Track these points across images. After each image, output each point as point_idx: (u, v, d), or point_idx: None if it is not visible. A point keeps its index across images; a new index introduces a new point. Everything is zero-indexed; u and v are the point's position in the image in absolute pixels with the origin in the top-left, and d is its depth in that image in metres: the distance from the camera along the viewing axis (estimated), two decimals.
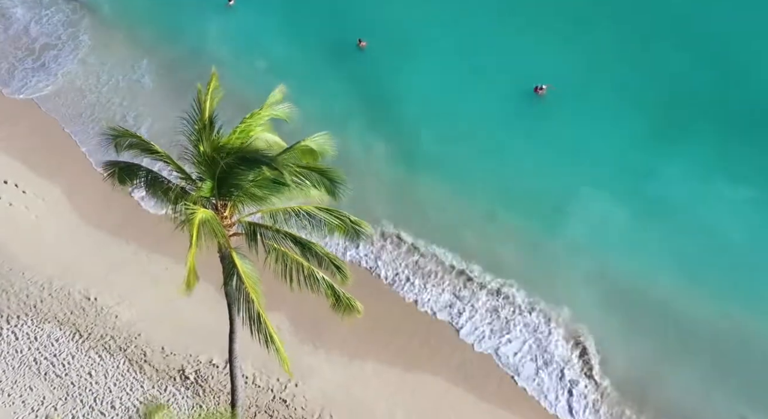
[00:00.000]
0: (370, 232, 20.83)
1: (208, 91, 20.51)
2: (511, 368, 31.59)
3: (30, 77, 45.41)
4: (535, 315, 33.09)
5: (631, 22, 46.05)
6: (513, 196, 37.73)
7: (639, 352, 31.81)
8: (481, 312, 33.44)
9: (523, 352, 32.07)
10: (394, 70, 43.88)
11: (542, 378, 31.19)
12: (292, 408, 29.69)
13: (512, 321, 33.03)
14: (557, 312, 33.19)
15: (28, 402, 29.30)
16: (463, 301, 33.86)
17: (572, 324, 32.78)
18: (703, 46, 43.94)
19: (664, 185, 37.56)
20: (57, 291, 32.99)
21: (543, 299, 33.73)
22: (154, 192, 21.08)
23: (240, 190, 19.72)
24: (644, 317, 32.89)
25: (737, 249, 34.90)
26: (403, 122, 41.38)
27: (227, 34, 47.15)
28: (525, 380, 31.22)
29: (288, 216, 20.26)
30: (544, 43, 44.55)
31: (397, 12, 47.40)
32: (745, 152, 38.66)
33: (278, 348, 19.78)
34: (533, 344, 32.29)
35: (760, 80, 41.88)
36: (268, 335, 19.59)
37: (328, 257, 20.39)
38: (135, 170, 21.82)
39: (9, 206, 36.54)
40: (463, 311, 33.43)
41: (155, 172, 21.82)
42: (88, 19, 49.08)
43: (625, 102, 41.45)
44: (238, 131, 19.81)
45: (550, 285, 34.14)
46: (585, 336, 32.17)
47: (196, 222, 18.79)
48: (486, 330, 32.84)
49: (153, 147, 21.01)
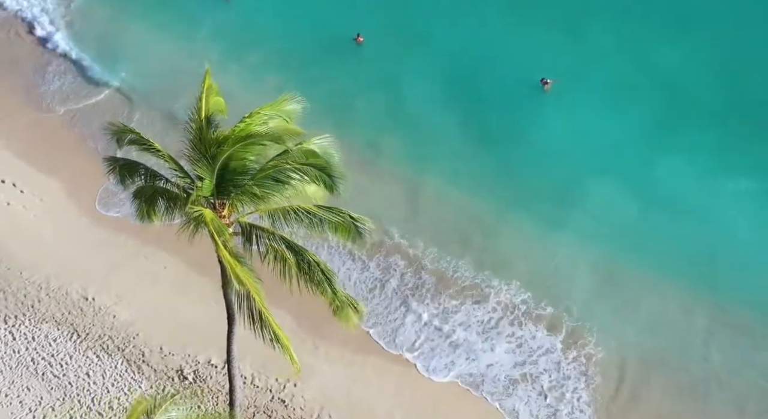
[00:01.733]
0: (370, 227, 20.51)
1: (203, 89, 20.35)
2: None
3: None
4: (539, 318, 33.00)
5: (636, 15, 45.94)
6: (518, 188, 37.70)
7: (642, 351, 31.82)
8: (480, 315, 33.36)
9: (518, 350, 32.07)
10: (393, 67, 43.53)
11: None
12: (290, 408, 29.56)
13: (516, 323, 32.94)
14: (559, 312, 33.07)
15: (25, 402, 29.17)
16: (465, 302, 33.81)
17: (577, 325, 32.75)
18: (707, 39, 44.05)
19: (671, 178, 37.53)
20: (55, 291, 32.85)
21: (547, 297, 33.60)
22: (154, 191, 20.86)
23: (239, 188, 19.58)
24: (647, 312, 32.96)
25: (745, 246, 34.95)
26: (403, 117, 41.13)
27: (222, 29, 46.64)
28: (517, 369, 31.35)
29: (287, 215, 20.09)
30: (549, 36, 44.42)
31: (397, 6, 47.16)
32: (750, 144, 38.69)
33: (285, 345, 19.50)
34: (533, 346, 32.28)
35: (765, 72, 41.84)
36: (272, 333, 19.36)
37: (319, 266, 20.19)
38: (135, 167, 21.69)
39: (7, 206, 36.38)
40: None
41: (154, 170, 21.65)
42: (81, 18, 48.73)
43: (632, 95, 41.35)
44: (238, 130, 19.65)
45: (554, 282, 34.10)
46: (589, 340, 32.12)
47: (209, 220, 18.65)
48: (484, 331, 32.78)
49: (152, 145, 20.87)
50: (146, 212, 21.12)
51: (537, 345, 32.12)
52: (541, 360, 31.68)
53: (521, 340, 32.36)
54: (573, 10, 46.47)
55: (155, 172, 21.54)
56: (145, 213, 21.26)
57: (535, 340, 32.29)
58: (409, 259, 35.18)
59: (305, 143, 19.99)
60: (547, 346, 32.05)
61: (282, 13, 47.27)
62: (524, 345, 32.15)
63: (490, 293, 33.85)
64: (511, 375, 31.24)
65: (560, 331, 32.51)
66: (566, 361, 31.57)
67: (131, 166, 21.71)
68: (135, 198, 21.33)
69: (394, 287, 34.17)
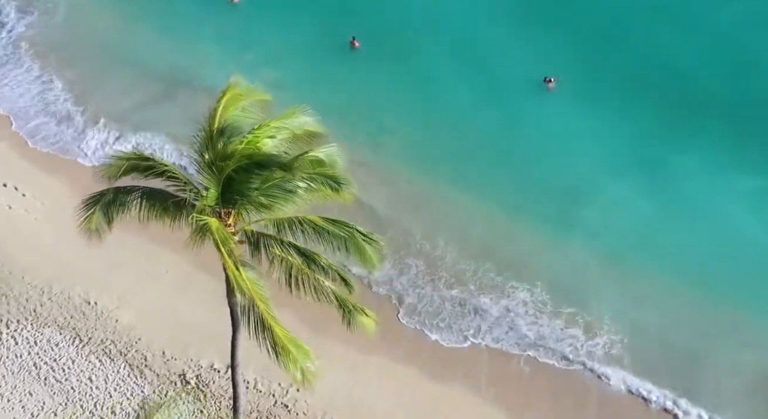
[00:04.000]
0: (382, 245, 20.03)
1: (220, 100, 20.15)
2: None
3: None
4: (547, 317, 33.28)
5: (642, 12, 45.83)
6: (525, 189, 37.80)
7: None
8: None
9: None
10: (391, 71, 43.29)
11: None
12: (293, 413, 29.57)
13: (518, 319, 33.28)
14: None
15: (27, 407, 29.13)
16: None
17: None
18: (713, 37, 44.00)
19: (679, 177, 37.75)
20: (57, 295, 32.78)
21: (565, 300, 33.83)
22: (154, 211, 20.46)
23: (245, 198, 19.49)
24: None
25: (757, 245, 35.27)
26: (404, 120, 41.01)
27: (224, 33, 46.45)
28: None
29: (292, 226, 19.92)
30: (553, 34, 44.33)
31: (396, 9, 46.85)
32: (757, 142, 38.90)
33: (293, 356, 19.15)
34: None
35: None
36: (277, 343, 19.20)
37: (332, 269, 20.06)
38: (129, 194, 20.94)
39: (8, 209, 36.30)
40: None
41: (151, 188, 21.04)
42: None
43: (641, 92, 41.48)
44: (246, 142, 19.53)
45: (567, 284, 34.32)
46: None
47: (215, 229, 18.53)
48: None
49: (157, 162, 20.41)
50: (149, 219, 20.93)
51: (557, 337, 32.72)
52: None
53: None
54: (575, 7, 46.36)
55: (152, 189, 21.05)
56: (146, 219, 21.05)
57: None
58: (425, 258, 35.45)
59: (311, 151, 19.90)
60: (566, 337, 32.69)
61: (281, 18, 46.80)
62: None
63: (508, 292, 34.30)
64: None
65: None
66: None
67: (126, 193, 20.99)
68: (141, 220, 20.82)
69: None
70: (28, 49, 45.44)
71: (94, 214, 20.76)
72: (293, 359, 19.27)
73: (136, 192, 21.00)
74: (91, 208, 21.05)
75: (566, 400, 30.84)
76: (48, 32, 46.52)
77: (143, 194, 20.96)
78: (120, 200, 20.94)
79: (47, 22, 47.19)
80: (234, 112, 20.12)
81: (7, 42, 45.85)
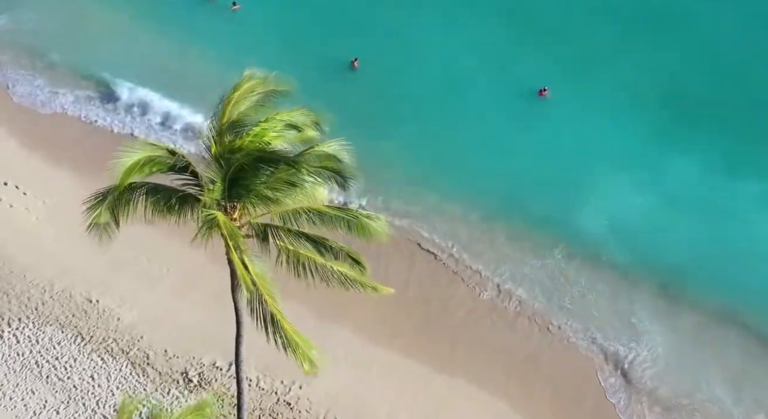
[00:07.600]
0: (384, 222, 20.49)
1: (232, 93, 20.19)
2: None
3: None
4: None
5: (634, 18, 46.02)
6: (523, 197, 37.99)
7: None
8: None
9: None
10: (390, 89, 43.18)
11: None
12: (296, 410, 29.58)
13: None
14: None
15: (30, 405, 29.11)
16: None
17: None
18: (707, 41, 44.26)
19: (680, 180, 37.95)
20: (58, 294, 32.77)
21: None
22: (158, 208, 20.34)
23: (251, 192, 19.49)
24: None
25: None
26: (402, 135, 40.88)
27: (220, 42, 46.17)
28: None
29: (297, 216, 20.08)
30: (544, 46, 44.40)
31: (392, 28, 46.70)
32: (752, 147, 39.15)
33: (301, 349, 19.29)
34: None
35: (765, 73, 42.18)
36: (285, 337, 19.27)
37: (343, 250, 20.23)
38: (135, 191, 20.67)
39: (9, 208, 36.27)
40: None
41: (156, 183, 20.77)
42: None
43: (638, 97, 41.68)
44: (252, 135, 19.56)
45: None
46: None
47: (222, 223, 18.56)
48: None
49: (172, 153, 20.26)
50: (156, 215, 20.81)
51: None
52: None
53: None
54: (568, 15, 46.53)
55: (155, 185, 20.82)
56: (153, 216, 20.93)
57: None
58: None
59: (318, 146, 19.95)
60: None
61: (282, 35, 46.55)
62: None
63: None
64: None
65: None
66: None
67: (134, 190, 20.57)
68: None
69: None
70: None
71: (101, 211, 20.61)
72: (301, 351, 19.34)
73: (142, 189, 20.86)
74: (98, 207, 20.87)
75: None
76: (47, 36, 46.79)
77: (148, 191, 20.82)
78: (126, 197, 20.71)
79: (45, 27, 47.51)
80: (246, 104, 20.17)
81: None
